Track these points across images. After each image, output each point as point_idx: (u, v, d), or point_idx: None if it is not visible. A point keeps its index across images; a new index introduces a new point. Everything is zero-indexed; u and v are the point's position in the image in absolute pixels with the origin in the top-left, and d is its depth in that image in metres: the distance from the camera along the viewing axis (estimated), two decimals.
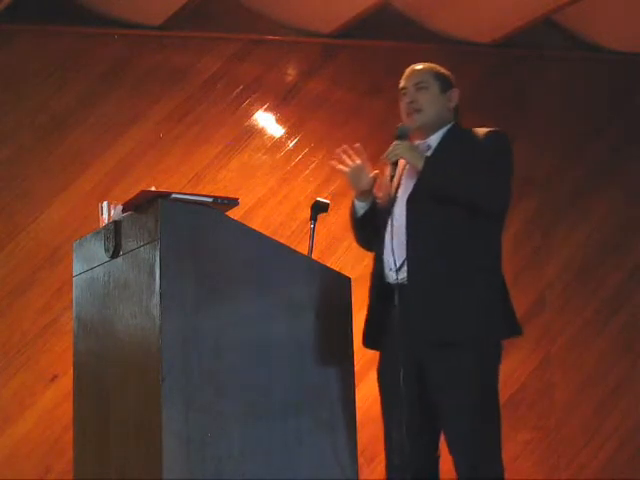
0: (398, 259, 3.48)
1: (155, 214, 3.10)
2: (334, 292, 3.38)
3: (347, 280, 3.42)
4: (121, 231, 3.30)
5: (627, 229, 6.07)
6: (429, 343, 3.45)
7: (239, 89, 5.55)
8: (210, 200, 3.22)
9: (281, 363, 3.24)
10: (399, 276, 3.49)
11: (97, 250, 3.45)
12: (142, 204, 3.20)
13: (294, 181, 5.54)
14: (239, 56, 5.56)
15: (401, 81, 3.70)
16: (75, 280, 3.64)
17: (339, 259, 5.46)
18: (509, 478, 3.47)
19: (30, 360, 5.07)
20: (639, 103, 6.18)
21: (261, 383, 3.19)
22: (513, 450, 5.49)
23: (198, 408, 3.06)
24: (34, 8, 5.20)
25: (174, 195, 3.15)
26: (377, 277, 3.61)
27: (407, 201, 3.55)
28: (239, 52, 5.56)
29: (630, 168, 6.11)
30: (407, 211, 3.53)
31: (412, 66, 3.72)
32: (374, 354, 3.66)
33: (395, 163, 3.58)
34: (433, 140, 3.64)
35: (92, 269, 3.49)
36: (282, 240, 3.51)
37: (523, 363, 5.72)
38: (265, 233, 3.34)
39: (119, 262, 3.30)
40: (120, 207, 3.33)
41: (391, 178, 3.61)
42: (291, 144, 5.58)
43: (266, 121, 5.58)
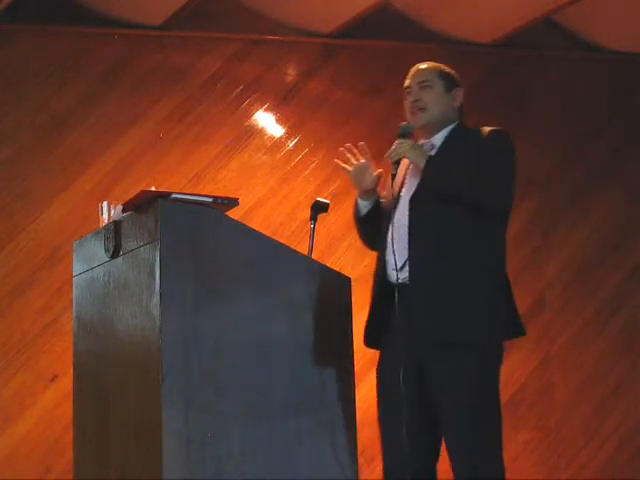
0: (400, 259, 3.47)
1: (155, 214, 3.10)
2: (334, 292, 3.38)
3: (347, 280, 3.42)
4: (121, 231, 3.30)
5: (627, 229, 6.06)
6: (431, 343, 3.43)
7: (239, 89, 5.55)
8: (210, 200, 3.21)
9: (281, 363, 3.23)
10: (401, 276, 3.48)
11: (97, 250, 3.45)
12: (142, 204, 3.20)
13: (294, 181, 5.54)
14: (239, 56, 5.56)
15: (406, 80, 3.68)
16: (75, 280, 3.64)
17: (339, 259, 5.46)
18: (509, 478, 3.47)
19: (30, 360, 5.07)
20: (639, 103, 6.18)
21: (261, 383, 3.19)
22: (513, 450, 5.48)
23: (198, 408, 3.06)
24: (34, 8, 5.20)
25: (174, 195, 3.15)
26: (379, 276, 3.59)
27: (410, 200, 3.54)
28: (239, 52, 5.56)
29: (630, 168, 6.11)
30: (410, 211, 3.52)
31: (417, 65, 3.70)
32: (374, 354, 3.65)
33: (397, 162, 3.55)
34: (437, 139, 3.62)
35: (92, 269, 3.49)
36: (282, 240, 3.51)
37: (523, 363, 5.72)
38: (265, 233, 3.34)
39: (119, 262, 3.30)
40: (120, 207, 3.33)
41: (393, 177, 3.59)
42: (291, 144, 5.58)
43: (266, 121, 5.57)
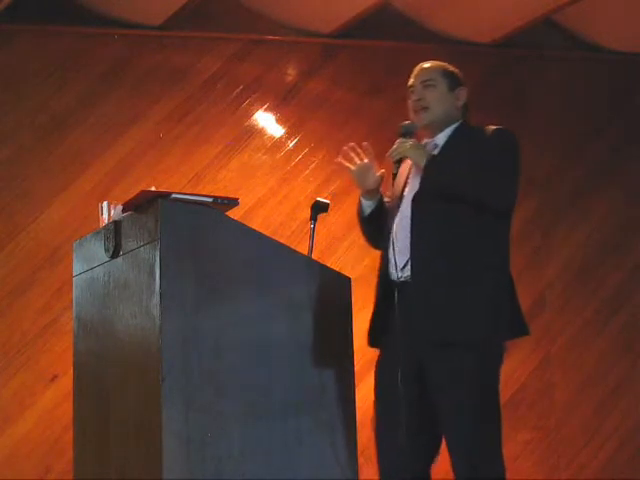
0: (403, 258, 3.47)
1: (155, 214, 3.10)
2: (334, 292, 3.37)
3: (347, 280, 3.42)
4: (121, 231, 3.30)
5: (627, 229, 6.06)
6: (431, 343, 3.42)
7: (239, 89, 5.55)
8: (210, 200, 3.21)
9: (281, 363, 3.23)
10: (402, 275, 3.48)
11: (97, 250, 3.45)
12: (142, 204, 3.20)
13: (294, 181, 5.54)
14: (239, 56, 5.56)
15: (410, 79, 3.67)
16: (75, 280, 3.64)
17: (339, 259, 5.46)
18: (509, 478, 3.47)
19: (30, 360, 5.07)
20: (639, 103, 6.18)
21: (261, 383, 3.19)
22: (513, 450, 5.48)
23: (198, 408, 3.06)
24: (34, 8, 5.20)
25: (174, 195, 3.15)
26: (383, 275, 3.59)
27: (412, 200, 3.53)
28: (239, 52, 5.56)
29: (630, 168, 6.11)
30: (412, 210, 3.51)
31: (421, 64, 3.69)
32: (374, 354, 3.64)
33: (398, 161, 3.55)
34: (440, 138, 3.61)
35: (92, 269, 3.49)
36: (282, 240, 3.51)
37: (523, 363, 5.72)
38: (265, 233, 3.34)
39: (119, 262, 3.30)
40: (120, 207, 3.33)
41: (394, 176, 3.58)
42: (291, 144, 5.57)
43: (266, 121, 5.57)
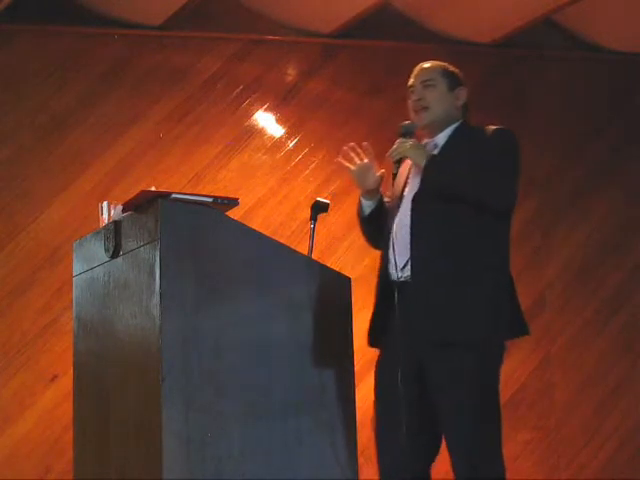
0: (402, 258, 3.47)
1: (155, 214, 3.10)
2: (334, 292, 3.37)
3: (347, 280, 3.42)
4: (121, 231, 3.30)
5: (627, 229, 6.06)
6: (432, 343, 3.42)
7: (239, 89, 5.54)
8: (210, 200, 3.21)
9: (281, 363, 3.23)
10: (402, 275, 3.48)
11: (97, 250, 3.45)
12: (142, 204, 3.20)
13: (294, 181, 5.54)
14: (239, 56, 5.55)
15: (410, 79, 3.67)
16: (75, 280, 3.64)
17: (339, 259, 5.46)
18: (509, 478, 3.47)
19: (30, 360, 5.07)
20: (639, 103, 6.18)
21: (261, 383, 3.19)
22: (513, 450, 5.48)
23: (198, 408, 3.06)
24: (34, 8, 5.20)
25: (174, 195, 3.15)
26: (382, 275, 3.59)
27: (412, 200, 3.53)
28: (239, 52, 5.56)
29: (630, 168, 6.11)
30: (412, 210, 3.51)
31: (421, 64, 3.69)
32: (374, 354, 3.64)
33: (398, 161, 3.55)
34: (440, 138, 3.61)
35: (92, 269, 3.49)
36: (282, 240, 3.51)
37: (523, 363, 5.72)
38: (265, 233, 3.34)
39: (119, 262, 3.30)
40: (120, 207, 3.33)
41: (394, 176, 3.58)
42: (291, 144, 5.57)
43: (266, 121, 5.57)
